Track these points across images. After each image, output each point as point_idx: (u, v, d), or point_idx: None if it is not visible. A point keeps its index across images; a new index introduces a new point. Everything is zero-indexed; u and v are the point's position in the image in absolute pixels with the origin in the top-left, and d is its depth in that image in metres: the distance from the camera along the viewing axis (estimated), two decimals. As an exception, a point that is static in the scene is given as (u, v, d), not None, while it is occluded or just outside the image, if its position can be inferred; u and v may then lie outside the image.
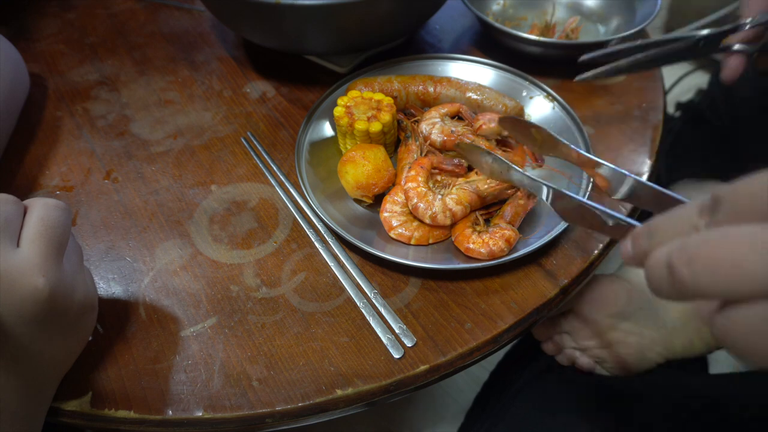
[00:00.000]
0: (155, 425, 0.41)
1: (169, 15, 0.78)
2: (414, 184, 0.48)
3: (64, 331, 0.38)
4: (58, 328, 0.37)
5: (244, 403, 0.41)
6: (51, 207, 0.37)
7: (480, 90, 0.57)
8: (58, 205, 0.38)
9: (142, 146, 0.60)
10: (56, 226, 0.37)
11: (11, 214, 0.35)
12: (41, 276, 0.34)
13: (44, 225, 0.36)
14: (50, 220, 0.36)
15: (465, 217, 0.48)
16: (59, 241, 0.37)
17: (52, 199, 0.38)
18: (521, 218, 0.49)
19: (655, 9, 0.65)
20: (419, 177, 0.49)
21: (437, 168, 0.51)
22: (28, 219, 0.36)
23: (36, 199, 0.38)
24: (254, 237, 0.51)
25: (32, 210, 0.37)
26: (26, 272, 0.34)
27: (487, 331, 0.44)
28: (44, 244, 0.35)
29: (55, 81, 0.68)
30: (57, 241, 0.36)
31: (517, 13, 0.75)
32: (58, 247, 0.37)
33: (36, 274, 0.34)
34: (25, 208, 0.37)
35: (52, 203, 0.37)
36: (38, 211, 0.37)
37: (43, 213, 0.36)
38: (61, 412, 0.41)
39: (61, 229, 0.37)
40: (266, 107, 0.64)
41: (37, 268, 0.34)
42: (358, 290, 0.47)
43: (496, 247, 0.46)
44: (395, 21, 0.60)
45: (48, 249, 0.35)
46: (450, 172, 0.51)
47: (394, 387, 0.42)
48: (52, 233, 0.36)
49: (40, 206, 0.37)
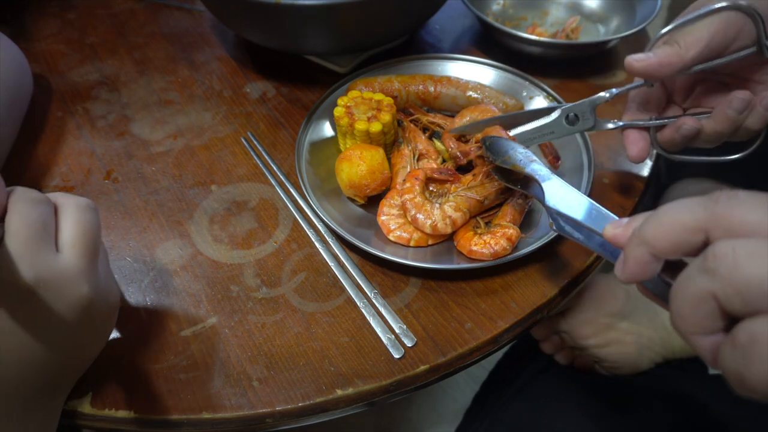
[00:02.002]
0: (155, 425, 0.41)
1: (169, 15, 0.78)
2: (411, 195, 0.48)
3: (92, 333, 0.38)
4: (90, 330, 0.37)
5: (244, 403, 0.41)
6: (84, 209, 0.36)
7: (480, 89, 0.57)
8: (89, 206, 0.37)
9: (142, 146, 0.60)
10: (92, 229, 0.36)
11: (47, 216, 0.34)
12: (86, 283, 0.34)
13: (82, 229, 0.35)
14: (86, 223, 0.36)
15: (465, 223, 0.48)
16: (95, 244, 0.36)
17: (83, 199, 0.37)
18: (521, 217, 0.49)
19: (655, 9, 0.65)
20: (415, 188, 0.48)
21: (432, 178, 0.50)
22: (63, 221, 0.35)
23: (66, 197, 0.36)
24: (254, 237, 0.51)
25: (66, 211, 0.36)
26: (71, 279, 0.33)
27: (487, 331, 0.44)
28: (84, 249, 0.35)
29: (56, 81, 0.68)
30: (94, 245, 0.36)
31: (517, 13, 0.75)
32: (95, 251, 0.36)
33: (80, 281, 0.34)
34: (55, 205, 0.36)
35: (84, 204, 0.37)
36: (74, 214, 0.36)
37: (78, 216, 0.36)
38: (62, 412, 0.41)
39: (97, 232, 0.37)
40: (266, 107, 0.64)
41: (80, 274, 0.34)
42: (358, 290, 0.47)
43: (498, 247, 0.46)
44: (395, 21, 0.60)
45: (87, 254, 0.35)
46: (444, 181, 0.50)
47: (394, 387, 0.42)
48: (89, 237, 0.35)
49: (74, 208, 0.36)
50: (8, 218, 0.32)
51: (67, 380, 0.39)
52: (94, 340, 0.39)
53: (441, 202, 0.48)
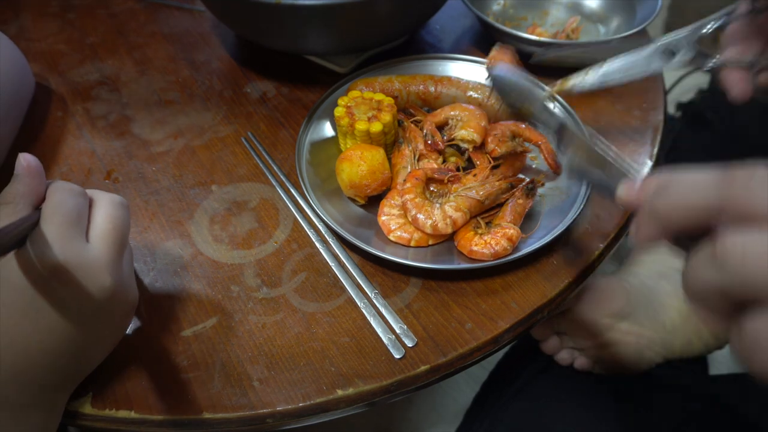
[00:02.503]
0: (156, 425, 0.41)
1: (169, 15, 0.78)
2: (411, 195, 0.48)
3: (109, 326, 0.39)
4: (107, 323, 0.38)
5: (244, 403, 0.41)
6: (117, 205, 0.38)
7: (481, 89, 0.57)
8: (122, 203, 0.38)
9: (143, 146, 0.60)
10: (122, 225, 0.37)
11: (82, 207, 0.36)
12: (109, 275, 0.35)
13: (112, 223, 0.36)
14: (117, 218, 0.37)
15: (466, 223, 0.48)
16: (123, 240, 0.37)
17: (116, 196, 0.38)
18: (522, 217, 0.49)
19: (655, 9, 0.65)
20: (416, 188, 0.48)
21: (432, 178, 0.50)
22: (96, 214, 0.37)
23: (101, 193, 0.38)
24: (255, 237, 0.51)
25: (99, 205, 0.37)
26: (97, 269, 0.34)
27: (488, 331, 0.44)
28: (112, 243, 0.36)
29: (56, 81, 0.68)
30: (122, 240, 0.37)
31: (517, 13, 0.75)
32: (122, 246, 0.37)
33: (105, 272, 0.35)
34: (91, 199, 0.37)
35: (117, 201, 0.38)
36: (106, 208, 0.37)
37: (111, 210, 0.37)
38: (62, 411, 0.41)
39: (126, 228, 0.38)
40: (266, 107, 0.64)
41: (106, 266, 0.35)
42: (358, 290, 0.47)
43: (499, 247, 0.46)
44: (395, 21, 0.60)
45: (115, 248, 0.36)
46: (445, 181, 0.50)
47: (394, 387, 0.42)
48: (118, 232, 0.37)
49: (107, 202, 0.37)
50: (45, 204, 0.34)
51: (77, 373, 0.39)
52: (109, 334, 0.40)
53: (441, 202, 0.48)
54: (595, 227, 0.51)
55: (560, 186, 0.52)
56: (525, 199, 0.49)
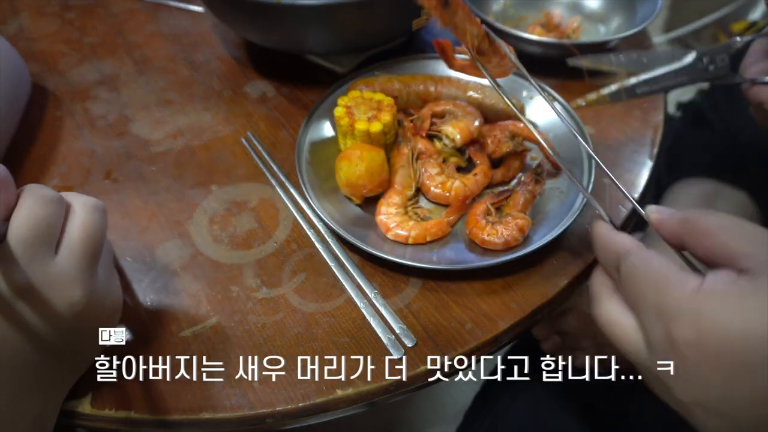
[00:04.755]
0: (156, 425, 0.41)
1: (169, 15, 0.78)
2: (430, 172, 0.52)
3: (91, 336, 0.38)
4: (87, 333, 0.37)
5: (244, 404, 0.41)
6: (90, 210, 0.36)
7: (480, 89, 0.57)
8: (96, 207, 0.36)
9: (142, 146, 0.60)
10: (95, 232, 0.35)
11: (54, 217, 0.33)
12: (78, 289, 0.34)
13: (85, 232, 0.35)
14: (90, 226, 0.35)
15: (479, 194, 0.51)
16: (97, 247, 0.36)
17: (92, 200, 0.36)
18: (531, 205, 0.50)
19: (655, 9, 0.65)
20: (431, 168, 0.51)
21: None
22: (70, 223, 0.34)
23: (76, 197, 0.36)
24: (254, 237, 0.51)
25: (72, 212, 0.35)
26: (64, 285, 0.33)
27: (488, 331, 0.44)
28: (82, 253, 0.34)
29: (55, 81, 0.68)
30: (95, 248, 0.35)
31: (517, 13, 0.75)
32: (96, 254, 0.36)
33: (74, 286, 0.33)
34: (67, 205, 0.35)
35: (92, 205, 0.36)
36: (80, 216, 0.35)
37: (83, 218, 0.35)
38: (61, 411, 0.41)
39: (100, 234, 0.36)
40: (266, 107, 0.64)
41: (74, 279, 0.33)
42: (358, 290, 0.47)
43: (510, 237, 0.47)
44: (395, 21, 0.60)
45: (86, 258, 0.34)
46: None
47: (394, 387, 0.42)
48: (91, 241, 0.35)
49: (81, 209, 0.35)
50: (14, 216, 0.32)
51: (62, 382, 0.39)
52: (88, 344, 0.39)
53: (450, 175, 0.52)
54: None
55: (560, 186, 0.52)
56: (534, 186, 0.50)
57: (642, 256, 0.33)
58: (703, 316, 0.28)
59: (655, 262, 0.32)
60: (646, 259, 0.32)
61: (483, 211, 0.49)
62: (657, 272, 0.31)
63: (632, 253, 0.33)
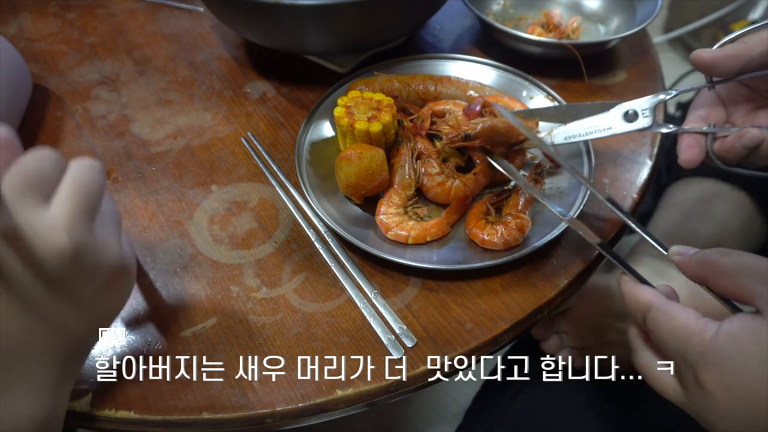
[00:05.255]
0: (156, 425, 0.41)
1: (169, 15, 0.78)
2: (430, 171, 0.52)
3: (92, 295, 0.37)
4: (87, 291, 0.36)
5: (244, 404, 0.41)
6: (85, 167, 0.36)
7: (481, 88, 0.57)
8: (92, 166, 0.37)
9: (142, 146, 0.60)
10: (88, 185, 0.35)
11: (48, 171, 0.34)
12: (66, 235, 0.33)
13: (76, 185, 0.35)
14: (82, 179, 0.35)
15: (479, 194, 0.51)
16: (90, 201, 0.36)
17: (88, 159, 0.37)
18: (531, 204, 0.50)
19: (655, 9, 0.65)
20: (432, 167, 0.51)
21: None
22: (63, 179, 0.35)
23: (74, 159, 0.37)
24: (254, 237, 0.51)
25: (68, 170, 0.36)
26: (51, 231, 0.33)
27: (488, 331, 0.44)
28: (73, 204, 0.34)
29: (55, 81, 0.68)
30: (88, 201, 0.35)
31: (517, 13, 0.75)
32: (89, 207, 0.35)
33: (60, 233, 0.33)
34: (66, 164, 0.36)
35: (87, 163, 0.36)
36: (72, 171, 0.36)
37: (75, 173, 0.35)
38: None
39: (94, 188, 0.36)
40: (266, 107, 0.64)
41: (62, 226, 0.33)
42: (358, 290, 0.47)
43: (510, 237, 0.47)
44: (395, 21, 0.60)
45: (77, 208, 0.34)
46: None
47: (394, 387, 0.42)
48: (82, 193, 0.35)
49: (74, 166, 0.36)
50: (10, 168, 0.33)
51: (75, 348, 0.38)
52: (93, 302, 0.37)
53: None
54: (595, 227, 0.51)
55: (560, 186, 0.52)
56: (534, 184, 0.50)
57: (663, 310, 0.36)
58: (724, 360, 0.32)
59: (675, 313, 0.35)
60: (668, 312, 0.36)
61: (483, 211, 0.49)
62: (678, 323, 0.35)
63: (654, 307, 0.37)
